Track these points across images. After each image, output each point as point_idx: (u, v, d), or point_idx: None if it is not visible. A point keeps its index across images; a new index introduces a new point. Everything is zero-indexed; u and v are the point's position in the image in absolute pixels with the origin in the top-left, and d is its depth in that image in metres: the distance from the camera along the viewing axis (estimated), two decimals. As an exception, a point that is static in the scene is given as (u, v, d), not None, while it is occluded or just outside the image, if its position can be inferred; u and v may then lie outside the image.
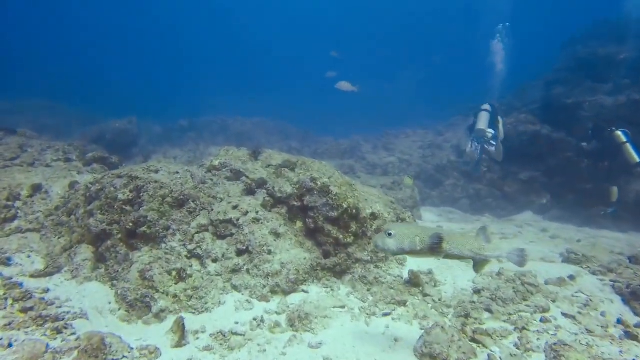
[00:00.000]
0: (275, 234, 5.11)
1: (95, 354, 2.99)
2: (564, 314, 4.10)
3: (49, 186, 6.82)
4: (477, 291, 4.81)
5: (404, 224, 3.45)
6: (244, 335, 3.64)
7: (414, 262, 5.82)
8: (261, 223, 5.22)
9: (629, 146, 10.15)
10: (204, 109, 24.59)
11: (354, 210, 5.43)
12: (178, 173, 5.98)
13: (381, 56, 54.13)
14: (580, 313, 4.13)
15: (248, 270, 4.70)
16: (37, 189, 6.71)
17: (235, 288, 4.53)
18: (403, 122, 22.14)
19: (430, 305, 4.59)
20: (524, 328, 3.74)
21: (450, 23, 51.24)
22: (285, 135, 22.39)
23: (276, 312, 4.14)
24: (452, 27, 50.68)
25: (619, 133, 10.37)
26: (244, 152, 6.96)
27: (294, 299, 4.46)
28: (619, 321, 4.00)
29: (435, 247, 3.00)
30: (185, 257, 4.78)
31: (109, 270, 4.75)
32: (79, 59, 54.98)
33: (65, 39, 58.90)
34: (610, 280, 5.14)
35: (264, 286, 4.53)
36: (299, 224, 5.52)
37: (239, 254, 4.96)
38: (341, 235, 5.26)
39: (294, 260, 4.81)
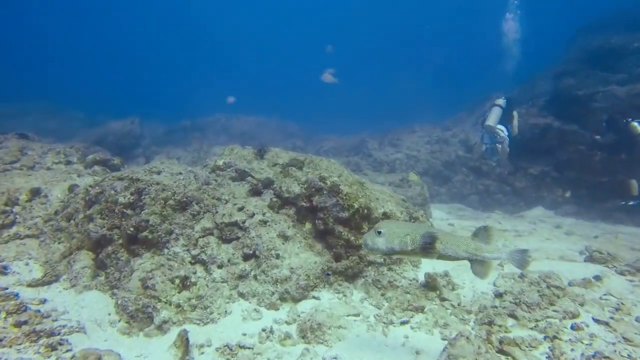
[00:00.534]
0: (284, 237, 4.84)
1: (92, 374, 2.75)
2: (596, 320, 3.80)
3: (48, 190, 6.59)
4: (499, 295, 4.53)
5: (395, 221, 3.22)
6: (252, 348, 3.38)
7: (429, 264, 5.54)
8: (268, 225, 4.96)
9: None
10: (206, 108, 24.36)
11: (365, 210, 5.16)
12: (181, 174, 5.73)
13: (384, 51, 53.73)
14: (613, 318, 3.84)
15: (255, 276, 4.45)
16: (36, 193, 6.48)
17: (242, 296, 4.27)
18: (409, 118, 21.78)
19: (449, 311, 4.31)
20: (555, 337, 3.45)
21: (457, 15, 50.61)
22: (288, 134, 22.12)
23: (286, 322, 3.88)
24: (459, 20, 50.08)
25: (635, 124, 9.99)
26: (249, 151, 6.69)
27: (305, 306, 4.20)
28: (656, 327, 3.70)
29: (428, 247, 2.82)
30: (189, 263, 4.54)
31: (109, 278, 4.50)
32: (80, 60, 55.00)
33: (66, 41, 58.91)
34: (640, 281, 4.85)
35: (273, 293, 4.27)
36: (308, 226, 5.26)
37: (246, 258, 4.71)
38: (352, 237, 4.99)
39: (304, 264, 4.55)
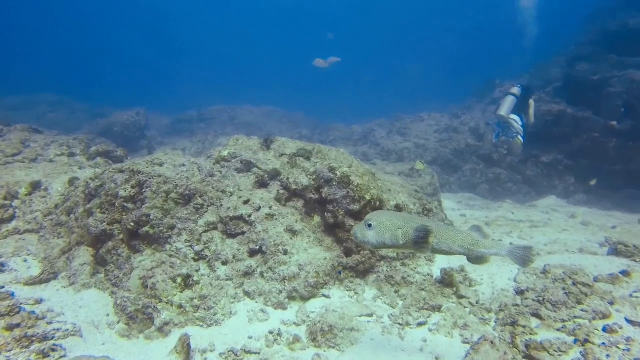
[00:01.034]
0: (291, 232, 4.59)
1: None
2: (630, 321, 3.52)
3: (48, 183, 6.40)
4: (521, 292, 4.26)
5: (388, 212, 2.98)
6: (259, 353, 3.14)
7: (444, 258, 5.29)
8: (275, 219, 4.71)
9: None
10: (212, 99, 24.11)
11: (377, 203, 4.89)
12: (184, 165, 5.49)
13: (392, 38, 52.95)
14: (647, 319, 3.55)
15: (262, 274, 4.21)
16: (36, 186, 6.29)
17: (247, 295, 4.03)
18: (417, 106, 21.37)
19: (467, 310, 4.06)
20: (586, 340, 3.18)
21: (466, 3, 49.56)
22: (295, 124, 21.79)
23: (295, 323, 3.64)
24: (470, 3, 48.98)
25: None
26: (255, 141, 6.42)
27: (314, 305, 3.96)
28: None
29: (421, 242, 2.64)
30: (192, 260, 4.31)
31: (109, 276, 4.30)
32: (87, 52, 54.83)
33: (73, 32, 58.70)
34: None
35: (280, 292, 4.03)
36: (317, 219, 5.01)
37: (252, 254, 4.47)
38: (364, 231, 4.72)
39: (313, 260, 4.30)
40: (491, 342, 2.92)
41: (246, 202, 4.85)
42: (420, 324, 3.68)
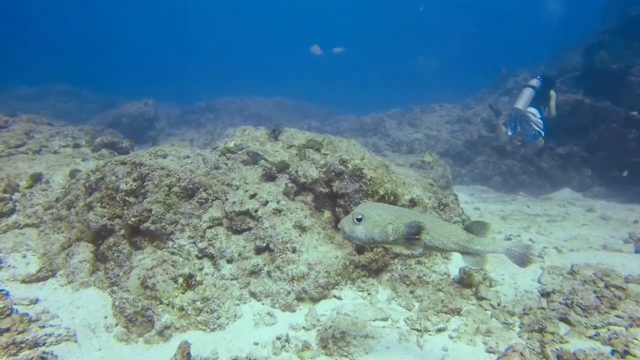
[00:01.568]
0: (300, 228, 4.33)
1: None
2: (672, 329, 3.22)
3: (50, 175, 6.20)
4: (546, 294, 3.96)
5: (378, 205, 2.73)
6: (265, 362, 2.90)
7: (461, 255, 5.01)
8: (283, 214, 4.44)
9: None
10: (222, 90, 23.86)
11: (391, 197, 4.61)
12: (189, 157, 5.23)
13: (403, 27, 52.13)
14: (690, 326, 3.25)
15: (269, 273, 3.96)
16: (37, 178, 6.10)
17: (253, 296, 3.79)
18: (428, 96, 20.90)
19: (489, 313, 3.78)
20: (626, 352, 2.88)
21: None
22: (305, 114, 21.47)
23: (304, 328, 3.39)
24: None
25: None
26: (262, 132, 6.14)
27: (325, 307, 3.70)
28: None
29: (412, 238, 2.47)
30: (196, 257, 4.08)
31: (108, 274, 4.08)
32: (99, 43, 54.84)
33: (85, 23, 58.66)
34: None
35: (289, 293, 3.78)
36: (327, 214, 4.74)
37: (258, 252, 4.22)
38: (377, 228, 4.45)
39: (323, 259, 4.03)
40: (520, 354, 2.64)
41: (253, 196, 4.59)
42: (439, 330, 3.41)
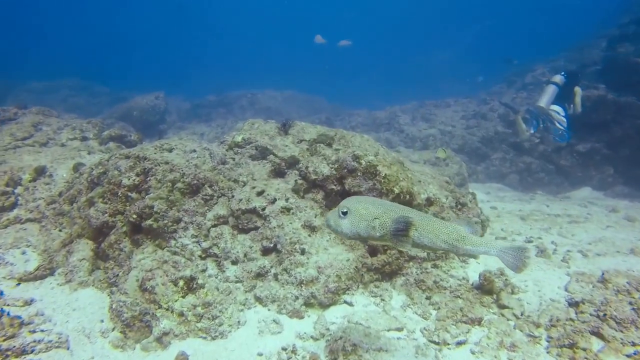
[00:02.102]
0: (310, 228, 4.07)
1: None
2: None
3: (53, 169, 6.05)
4: (575, 304, 3.66)
5: (366, 199, 2.49)
6: (269, 376, 2.67)
7: (479, 259, 4.72)
8: (292, 213, 4.19)
9: None
10: (235, 84, 23.65)
11: (407, 196, 4.33)
12: (195, 151, 5.01)
13: (419, 21, 51.39)
14: None
15: (276, 276, 3.72)
16: (41, 172, 5.95)
17: (259, 300, 3.56)
18: (443, 91, 20.46)
19: (512, 323, 3.49)
20: (671, 374, 2.60)
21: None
22: (316, 109, 21.19)
23: (312, 337, 3.15)
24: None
25: None
26: (272, 126, 5.89)
27: (335, 314, 3.45)
28: None
29: (400, 235, 2.32)
30: (199, 258, 3.86)
31: (108, 274, 3.89)
32: (111, 37, 55.01)
33: (97, 17, 58.92)
34: None
35: (296, 298, 3.53)
36: (339, 214, 4.47)
37: (265, 253, 3.98)
38: (392, 228, 4.18)
39: (334, 262, 3.77)
40: (553, 375, 2.37)
41: (260, 194, 4.35)
42: (459, 343, 3.13)
